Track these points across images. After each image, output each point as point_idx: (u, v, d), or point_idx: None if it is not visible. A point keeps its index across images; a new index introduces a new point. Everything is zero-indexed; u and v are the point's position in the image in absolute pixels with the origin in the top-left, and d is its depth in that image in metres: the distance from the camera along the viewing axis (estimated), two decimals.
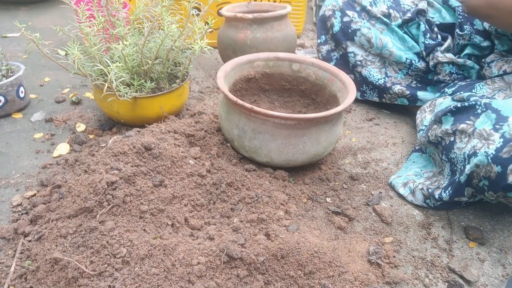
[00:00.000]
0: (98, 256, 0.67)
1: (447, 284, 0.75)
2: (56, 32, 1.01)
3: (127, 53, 1.03)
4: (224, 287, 0.66)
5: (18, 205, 0.86)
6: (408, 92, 1.26)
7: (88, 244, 0.69)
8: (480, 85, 1.08)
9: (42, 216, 0.79)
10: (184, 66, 1.11)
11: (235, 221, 0.81)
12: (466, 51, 1.19)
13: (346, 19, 1.30)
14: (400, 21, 1.25)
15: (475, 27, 1.18)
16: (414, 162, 1.06)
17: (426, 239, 0.85)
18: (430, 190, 0.90)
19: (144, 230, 0.74)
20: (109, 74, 0.90)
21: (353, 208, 0.91)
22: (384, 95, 1.31)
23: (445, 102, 1.00)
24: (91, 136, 1.11)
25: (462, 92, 1.04)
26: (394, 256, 0.79)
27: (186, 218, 0.80)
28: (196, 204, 0.84)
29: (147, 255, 0.67)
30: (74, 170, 0.94)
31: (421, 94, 1.25)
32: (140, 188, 0.79)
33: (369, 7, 1.27)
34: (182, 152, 0.92)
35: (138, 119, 1.08)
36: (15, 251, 0.75)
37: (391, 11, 1.28)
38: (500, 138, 0.75)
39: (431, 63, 1.20)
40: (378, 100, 1.34)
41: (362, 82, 1.34)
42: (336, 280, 0.70)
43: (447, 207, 0.92)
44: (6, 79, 1.14)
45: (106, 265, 0.65)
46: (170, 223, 0.78)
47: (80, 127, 1.15)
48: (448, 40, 1.20)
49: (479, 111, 0.84)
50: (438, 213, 0.92)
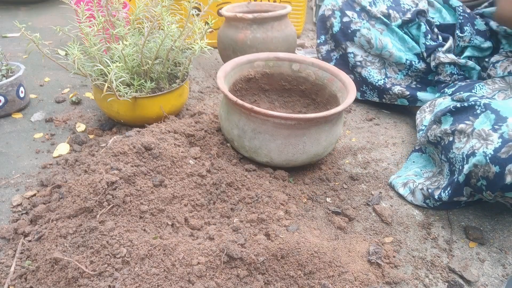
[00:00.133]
0: (98, 256, 0.67)
1: (447, 284, 0.75)
2: (56, 32, 1.02)
3: (127, 53, 1.03)
4: (224, 287, 0.66)
5: (18, 205, 0.86)
6: (408, 93, 1.26)
7: (88, 244, 0.69)
8: (480, 85, 1.08)
9: (42, 216, 0.79)
10: (184, 66, 1.11)
11: (235, 221, 0.81)
12: (466, 53, 1.19)
13: (345, 19, 1.30)
14: (400, 21, 1.25)
15: (476, 27, 1.18)
16: (414, 162, 1.06)
17: (426, 239, 0.85)
18: (429, 190, 0.90)
19: (144, 230, 0.74)
20: (109, 74, 0.90)
21: (353, 208, 0.91)
22: (384, 96, 1.31)
23: (444, 102, 1.00)
24: (91, 136, 1.11)
25: (462, 92, 1.04)
26: (394, 256, 0.79)
27: (186, 218, 0.80)
28: (196, 204, 0.84)
29: (147, 255, 0.67)
30: (74, 170, 0.95)
31: (421, 95, 1.25)
32: (140, 188, 0.79)
33: (368, 7, 1.27)
34: (182, 152, 0.92)
35: (138, 119, 1.08)
36: (15, 251, 0.75)
37: (390, 11, 1.28)
38: (498, 138, 0.75)
39: (432, 64, 1.20)
40: (378, 100, 1.34)
41: (362, 82, 1.34)
42: (336, 280, 0.70)
43: (446, 207, 0.92)
44: (6, 79, 1.14)
45: (106, 265, 0.65)
46: (170, 223, 0.78)
47: (80, 127, 1.15)
48: (450, 41, 1.20)
49: (478, 111, 0.84)
50: (438, 213, 0.92)
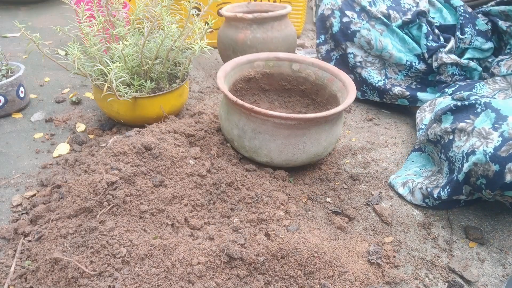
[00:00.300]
0: (98, 256, 0.67)
1: (447, 284, 0.75)
2: (56, 32, 1.02)
3: (127, 53, 1.03)
4: (224, 287, 0.66)
5: (18, 205, 0.86)
6: (408, 93, 1.26)
7: (88, 244, 0.69)
8: (481, 85, 1.08)
9: (42, 216, 0.79)
10: (184, 66, 1.11)
11: (235, 221, 0.81)
12: (467, 55, 1.20)
13: (345, 19, 1.29)
14: (400, 21, 1.25)
15: (477, 28, 1.18)
16: (413, 161, 1.06)
17: (426, 239, 0.85)
18: (429, 189, 0.90)
19: (144, 230, 0.74)
20: (109, 74, 0.90)
21: (353, 208, 0.91)
22: (385, 96, 1.31)
23: (445, 101, 1.00)
24: (91, 136, 1.11)
25: (462, 92, 1.04)
26: (394, 256, 0.79)
27: (186, 218, 0.80)
28: (196, 204, 0.84)
29: (147, 255, 0.67)
30: (74, 170, 0.94)
31: (421, 95, 1.25)
32: (140, 188, 0.79)
33: (368, 7, 1.27)
34: (182, 152, 0.92)
35: (138, 119, 1.08)
36: (15, 251, 0.75)
37: (390, 11, 1.27)
38: (499, 137, 0.75)
39: (435, 64, 1.20)
40: (379, 100, 1.34)
41: (362, 82, 1.33)
42: (336, 280, 0.70)
43: (446, 206, 0.92)
44: (6, 79, 1.14)
45: (106, 265, 0.65)
46: (170, 223, 0.78)
47: (80, 127, 1.15)
48: (451, 41, 1.20)
49: (478, 110, 0.84)
50: (438, 213, 0.92)
